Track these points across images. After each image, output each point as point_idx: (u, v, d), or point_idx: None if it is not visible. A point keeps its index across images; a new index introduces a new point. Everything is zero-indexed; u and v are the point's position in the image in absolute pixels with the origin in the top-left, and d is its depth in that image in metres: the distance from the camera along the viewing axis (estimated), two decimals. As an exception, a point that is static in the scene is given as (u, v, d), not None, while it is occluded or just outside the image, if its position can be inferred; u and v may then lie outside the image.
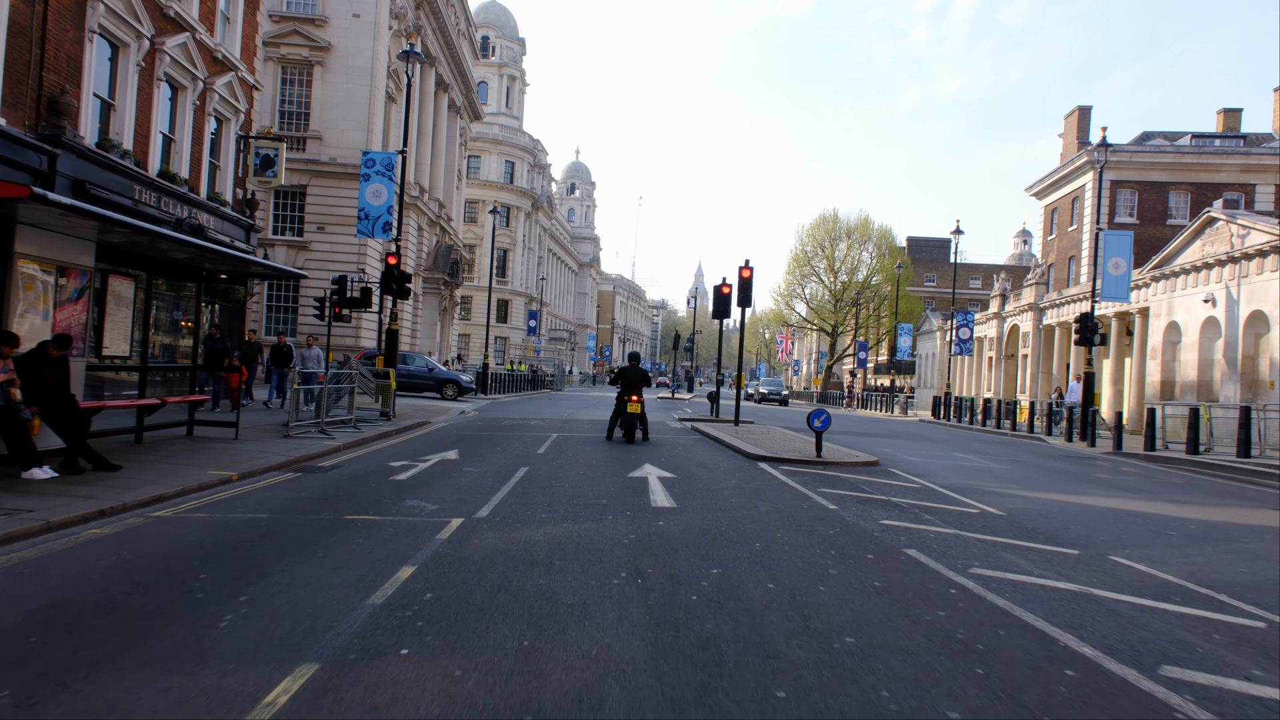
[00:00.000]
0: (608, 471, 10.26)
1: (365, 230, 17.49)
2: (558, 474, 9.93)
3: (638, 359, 15.21)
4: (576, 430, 16.93)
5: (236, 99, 19.03)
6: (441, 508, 7.36)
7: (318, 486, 8.42)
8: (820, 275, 64.79)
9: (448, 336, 44.44)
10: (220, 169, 19.01)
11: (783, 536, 6.43)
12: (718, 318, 21.30)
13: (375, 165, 17.46)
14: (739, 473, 10.52)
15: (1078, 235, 40.82)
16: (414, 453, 11.82)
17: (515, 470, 10.12)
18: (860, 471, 11.11)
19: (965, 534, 6.83)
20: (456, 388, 28.35)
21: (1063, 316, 32.14)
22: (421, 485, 8.72)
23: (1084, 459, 16.78)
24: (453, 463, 10.81)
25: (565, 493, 8.45)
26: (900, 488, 9.70)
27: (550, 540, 6.08)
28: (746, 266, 18.27)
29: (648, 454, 12.53)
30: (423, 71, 38.23)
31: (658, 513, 7.39)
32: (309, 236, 30.45)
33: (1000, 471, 12.64)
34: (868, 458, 12.19)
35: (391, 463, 10.61)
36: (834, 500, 8.41)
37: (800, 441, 14.89)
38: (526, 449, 12.80)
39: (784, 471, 10.71)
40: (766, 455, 11.97)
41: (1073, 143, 44.17)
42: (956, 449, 17.35)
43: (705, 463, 11.56)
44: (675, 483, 9.37)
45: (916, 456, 14.41)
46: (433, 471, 9.88)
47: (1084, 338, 21.50)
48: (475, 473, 9.86)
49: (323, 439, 12.41)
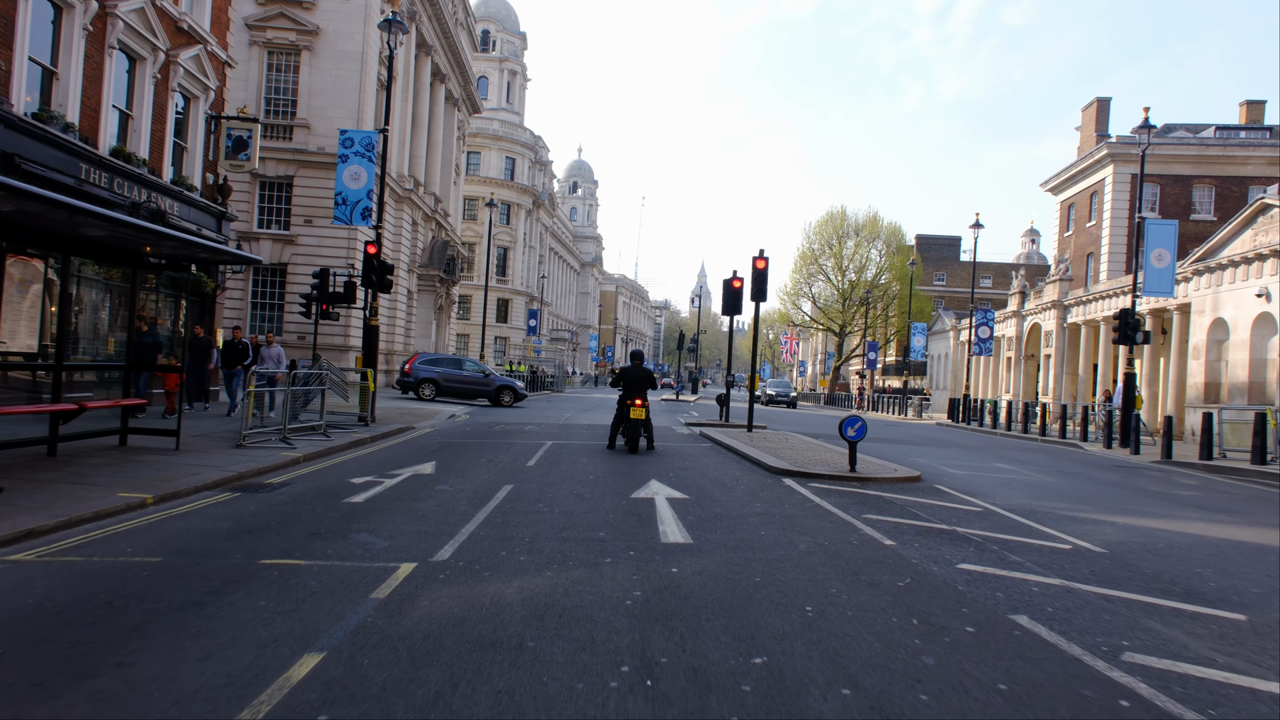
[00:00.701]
0: (607, 490, 8.64)
1: (343, 216, 15.89)
2: (547, 494, 8.32)
3: (641, 358, 13.60)
4: (574, 437, 15.32)
5: (205, 75, 17.46)
6: (393, 545, 5.76)
7: (249, 513, 6.82)
8: (828, 273, 63.13)
9: (444, 336, 42.87)
10: (188, 151, 17.44)
11: (840, 593, 4.80)
12: (728, 314, 19.68)
13: (354, 145, 15.86)
14: (763, 492, 8.89)
15: (1097, 231, 39.16)
16: (384, 465, 10.22)
17: (497, 489, 8.51)
18: (903, 489, 9.47)
19: (1076, 586, 5.20)
20: (513, 394, 27.27)
21: (1090, 314, 30.45)
22: (378, 511, 7.11)
23: (1134, 469, 15.13)
24: (426, 479, 9.21)
25: (554, 522, 6.84)
26: (960, 513, 8.06)
27: (526, 601, 4.47)
28: (761, 257, 16.65)
29: (654, 467, 10.92)
30: (418, 61, 36.69)
31: (669, 552, 5.78)
32: (296, 230, 28.88)
33: (1058, 487, 11.00)
34: (908, 472, 10.54)
35: (353, 479, 9.02)
36: (888, 532, 6.78)
37: (825, 451, 13.25)
38: (515, 460, 11.19)
39: (815, 490, 9.08)
40: (791, 469, 10.34)
41: (1091, 136, 42.50)
42: (993, 457, 15.70)
43: (721, 479, 9.94)
44: (688, 507, 7.75)
45: (956, 469, 12.76)
46: (398, 491, 8.27)
47: (1124, 336, 19.82)
48: (449, 492, 8.25)
49: (281, 449, 10.82)
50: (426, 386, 25.90)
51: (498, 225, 66.10)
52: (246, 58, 28.93)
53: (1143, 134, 19.72)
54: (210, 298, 18.23)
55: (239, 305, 28.61)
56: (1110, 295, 28.59)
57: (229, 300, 28.23)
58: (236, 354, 15.44)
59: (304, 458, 10.51)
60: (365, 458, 11.09)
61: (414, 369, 26.22)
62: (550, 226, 79.97)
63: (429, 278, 38.15)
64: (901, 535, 6.65)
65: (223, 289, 18.61)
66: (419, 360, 26.74)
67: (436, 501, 7.70)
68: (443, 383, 26.34)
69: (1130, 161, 37.87)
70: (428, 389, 25.87)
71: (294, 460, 10.21)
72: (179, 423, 9.98)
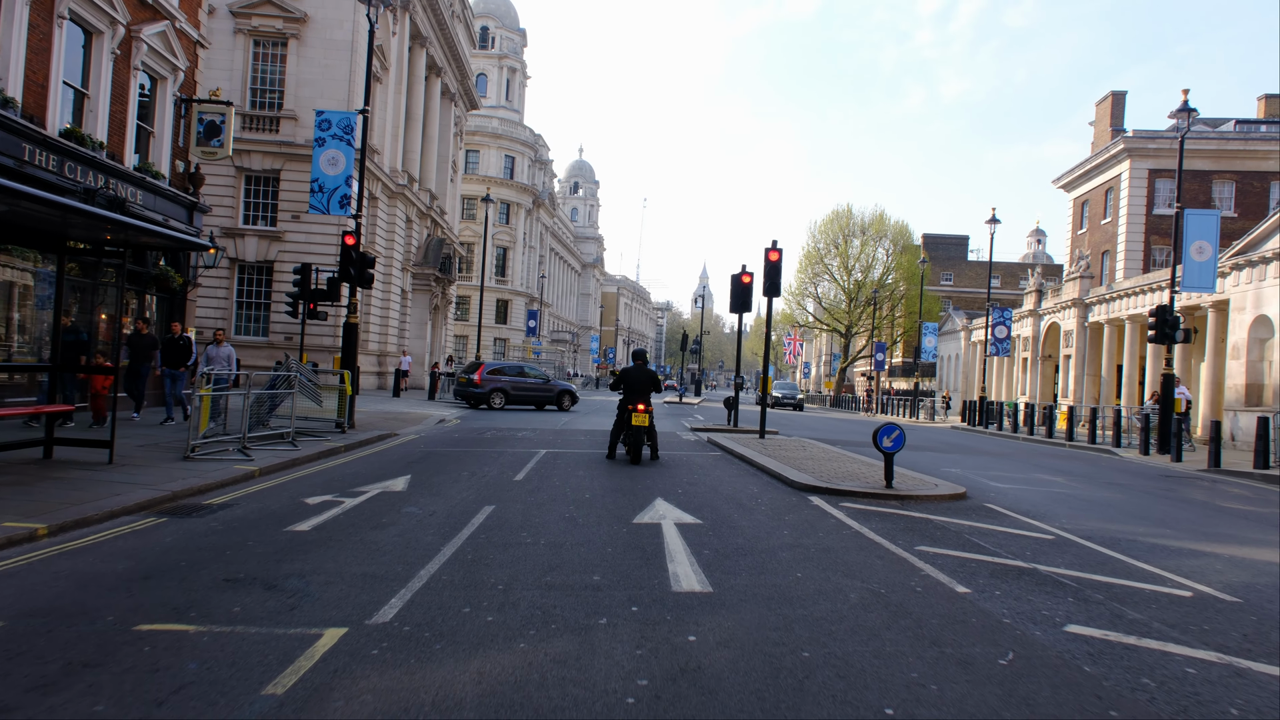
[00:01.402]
0: (605, 513, 7.30)
1: (319, 205, 14.58)
2: (534, 518, 6.99)
3: (644, 359, 12.26)
4: (571, 444, 13.99)
5: (173, 54, 16.18)
6: (324, 598, 4.43)
7: (161, 549, 5.50)
8: (834, 273, 61.84)
9: (440, 337, 41.57)
10: (155, 136, 16.15)
11: (925, 679, 3.46)
12: (737, 311, 18.34)
13: (331, 127, 14.56)
14: (789, 515, 7.54)
15: (1112, 228, 37.82)
16: (350, 481, 8.90)
17: (475, 512, 7.18)
18: (951, 510, 8.12)
19: (1243, 664, 3.84)
20: (571, 398, 26.90)
21: (1114, 313, 29.06)
22: (323, 544, 5.79)
23: (1185, 480, 13.76)
24: (394, 498, 7.88)
25: (537, 558, 5.51)
26: (1030, 542, 6.71)
27: (485, 697, 3.14)
28: (774, 248, 15.32)
29: (659, 481, 9.58)
30: (413, 53, 35.45)
31: (684, 607, 4.44)
32: (283, 226, 27.59)
33: (1121, 504, 9.64)
34: (951, 488, 9.18)
35: (309, 498, 7.69)
36: (955, 572, 5.43)
37: (851, 463, 11.89)
38: (502, 474, 9.86)
39: (850, 512, 7.73)
40: (818, 485, 8.98)
41: (1105, 131, 41.19)
42: (1028, 466, 14.35)
43: (737, 497, 8.59)
44: (702, 535, 6.41)
45: (997, 481, 11.40)
46: (357, 515, 6.94)
47: (1162, 334, 18.46)
48: (416, 517, 6.92)
49: (235, 462, 9.50)
50: (497, 396, 25.33)
51: (497, 225, 64.83)
52: (231, 46, 27.70)
53: (1182, 117, 18.35)
54: (179, 294, 16.94)
55: (223, 304, 27.34)
56: (1137, 292, 27.20)
57: (212, 299, 26.96)
58: (177, 352, 13.53)
59: (260, 471, 9.19)
60: (331, 471, 9.76)
61: (484, 379, 25.49)
62: (551, 226, 78.71)
63: (424, 277, 36.84)
64: (974, 578, 5.30)
65: (194, 284, 17.30)
66: (486, 370, 26.05)
67: (399, 529, 6.37)
68: (511, 391, 25.80)
69: (1148, 156, 36.54)
70: (498, 399, 25.34)
71: (247, 475, 8.89)
72: (112, 432, 8.66)
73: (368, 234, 30.57)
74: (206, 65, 27.72)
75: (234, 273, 27.59)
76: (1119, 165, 37.71)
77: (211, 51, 27.70)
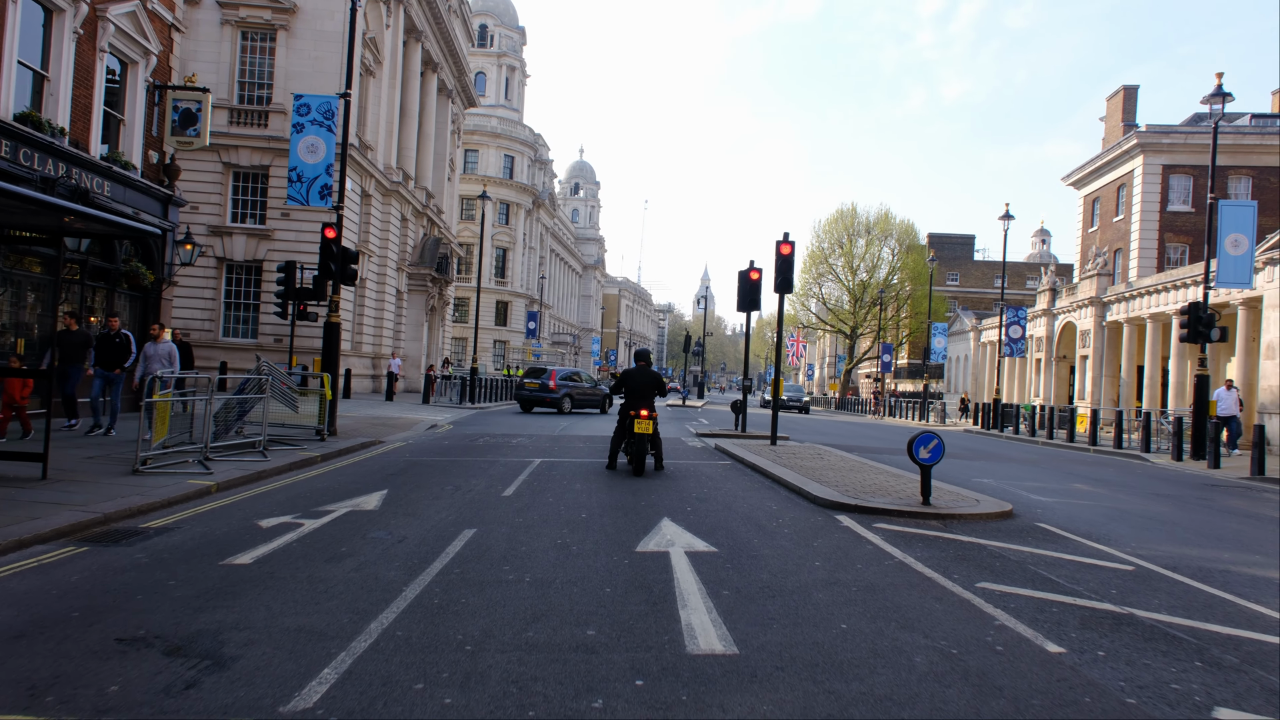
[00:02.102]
0: (603, 539, 6.28)
1: (298, 195, 13.59)
2: (520, 546, 5.96)
3: (648, 359, 11.23)
4: (568, 453, 12.97)
5: (145, 36, 15.19)
6: (238, 670, 3.41)
7: (59, 590, 4.48)
8: (838, 273, 60.85)
9: (436, 339, 40.58)
10: (125, 124, 15.17)
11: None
12: (745, 310, 17.32)
13: (310, 112, 13.56)
14: (818, 540, 6.51)
15: (1124, 226, 36.80)
16: (317, 497, 7.89)
17: (453, 538, 6.16)
18: (1002, 533, 7.08)
19: None
20: (610, 401, 27.71)
21: (1134, 311, 28.01)
22: (262, 582, 4.77)
23: (1234, 489, 12.72)
24: (363, 518, 6.87)
25: (519, 604, 4.48)
26: (1109, 575, 5.66)
27: None
28: (786, 241, 14.30)
29: (665, 496, 8.55)
30: (407, 47, 34.50)
31: (703, 679, 3.41)
32: (272, 224, 26.62)
33: (1185, 522, 8.60)
34: (995, 504, 8.13)
35: (265, 520, 6.68)
36: (1035, 621, 4.39)
37: (875, 473, 10.85)
38: (490, 488, 8.84)
39: (887, 535, 6.69)
40: (845, 501, 7.94)
41: (1117, 126, 40.20)
42: (1060, 474, 13.32)
43: (754, 516, 7.56)
44: (719, 569, 5.39)
45: (1035, 493, 10.36)
46: (314, 541, 5.93)
47: (1195, 333, 17.42)
48: (383, 544, 5.91)
49: (191, 476, 8.49)
50: (566, 401, 26.14)
51: (496, 225, 63.89)
52: (218, 38, 26.77)
53: (1216, 102, 17.29)
54: (153, 292, 15.96)
55: (210, 305, 26.38)
56: (1160, 290, 26.14)
57: (199, 300, 25.99)
58: (112, 351, 11.42)
59: (217, 487, 8.18)
60: (299, 486, 8.74)
61: (558, 385, 26.37)
62: (551, 227, 77.76)
63: (420, 277, 35.86)
64: (1062, 630, 4.26)
65: (170, 282, 16.30)
66: (560, 376, 26.92)
67: (358, 562, 5.35)
68: (576, 396, 26.76)
69: (1161, 151, 35.56)
70: (568, 403, 26.17)
71: (201, 491, 7.88)
72: (45, 444, 7.65)
73: (360, 232, 29.61)
74: (192, 58, 26.84)
75: (221, 272, 26.63)
76: (1131, 161, 36.72)
77: (197, 43, 26.84)
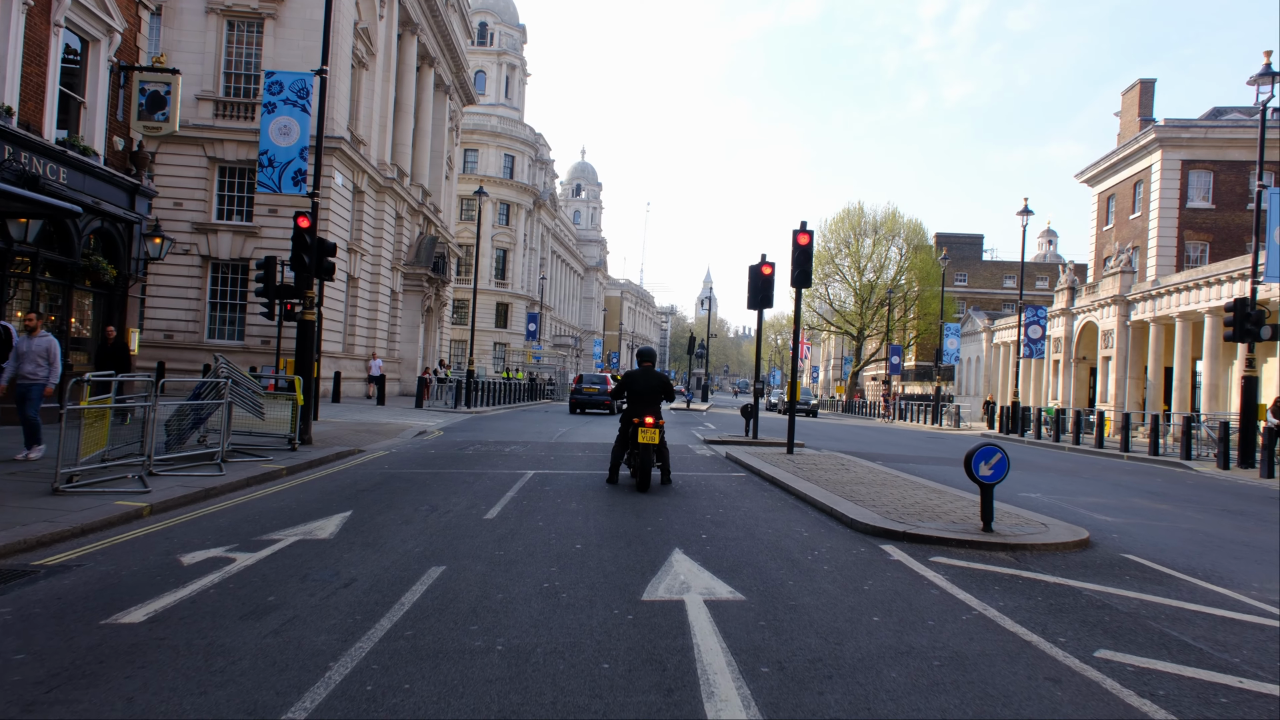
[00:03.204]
0: (601, 582, 5.04)
1: (269, 181, 12.38)
2: (495, 592, 4.73)
3: (652, 359, 9.95)
4: (566, 462, 11.73)
5: (107, 12, 14.02)
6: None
7: None
8: (845, 274, 59.61)
9: (433, 340, 39.40)
10: (86, 107, 14.00)
11: None
12: (757, 308, 16.09)
13: (282, 90, 12.37)
14: (868, 579, 5.26)
15: (1142, 223, 35.50)
16: (266, 521, 6.67)
17: (414, 579, 4.93)
18: (1088, 570, 5.81)
19: None
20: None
21: (1162, 310, 26.71)
22: (138, 657, 3.54)
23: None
24: (311, 552, 5.65)
25: (481, 695, 3.25)
26: (1260, 634, 4.39)
27: None
28: (804, 230, 13.06)
29: (675, 518, 7.32)
30: (402, 40, 33.39)
31: None
32: (259, 221, 25.47)
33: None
34: (1071, 531, 6.84)
35: (190, 554, 5.48)
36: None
37: (913, 488, 9.59)
38: (472, 507, 7.62)
39: (953, 574, 5.43)
40: (890, 527, 6.67)
41: (1133, 121, 38.96)
42: (1112, 487, 12.06)
43: (784, 544, 6.32)
44: (752, 629, 4.14)
45: (1098, 511, 9.10)
46: (237, 587, 4.71)
47: (1242, 331, 16.15)
48: (325, 589, 4.68)
49: (124, 494, 7.28)
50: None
51: (496, 225, 62.76)
52: (203, 27, 25.67)
53: (1267, 82, 16.01)
54: (118, 289, 14.77)
55: (195, 305, 25.23)
56: (1191, 286, 24.82)
57: (182, 300, 24.83)
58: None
59: (150, 510, 6.96)
60: (250, 506, 7.52)
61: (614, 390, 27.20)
62: (552, 228, 76.61)
63: (415, 276, 34.68)
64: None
65: (136, 278, 15.10)
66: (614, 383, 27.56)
67: (283, 618, 4.12)
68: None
69: (1180, 146, 34.28)
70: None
71: (128, 515, 6.67)
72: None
73: (353, 229, 28.45)
74: (175, 47, 25.72)
75: (207, 271, 25.48)
76: (1149, 156, 35.45)
77: (180, 32, 25.71)
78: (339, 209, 26.48)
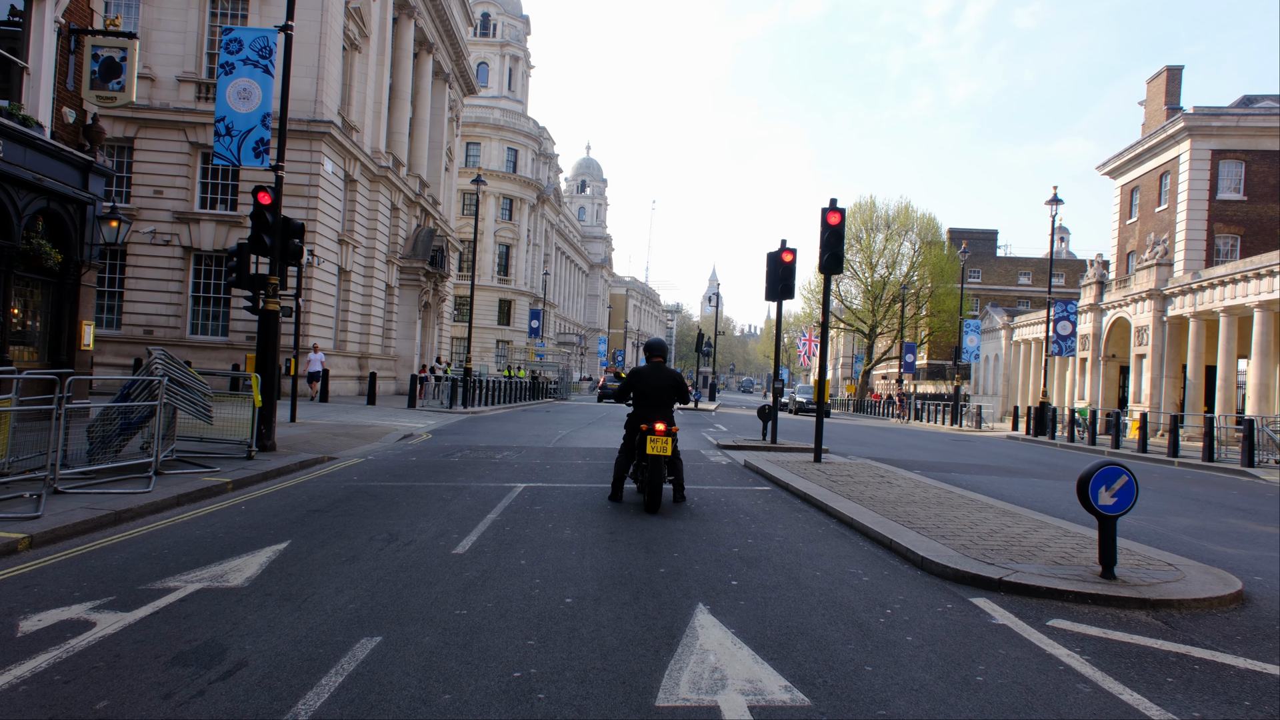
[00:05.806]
0: (596, 668, 3.51)
1: (226, 152, 10.88)
2: (438, 694, 3.20)
3: (663, 354, 8.41)
4: (562, 473, 10.20)
5: (53, -33, 12.55)
6: None
7: None
8: (856, 269, 57.94)
9: (431, 337, 37.92)
10: (29, 73, 12.53)
11: None
12: (776, 299, 14.58)
13: (241, 49, 10.85)
14: (978, 663, 3.72)
15: (1168, 216, 33.79)
16: (171, 559, 5.18)
17: (326, 669, 3.42)
18: (1261, 641, 4.27)
19: None
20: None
21: (1203, 304, 25.05)
22: None
23: None
24: (205, 611, 4.14)
25: None
26: None
27: None
28: (835, 209, 11.50)
29: (694, 553, 5.80)
30: (398, 23, 31.91)
31: None
32: (244, 210, 23.93)
33: None
34: (1215, 580, 5.22)
35: (35, 616, 4.00)
36: None
37: (976, 508, 8.02)
38: (441, 535, 6.10)
39: (1095, 653, 3.87)
40: (978, 573, 5.10)
41: (1159, 110, 37.23)
42: (1188, 501, 10.51)
43: (843, 598, 4.78)
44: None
45: (1215, 543, 7.55)
46: (57, 682, 3.19)
47: (1315, 325, 14.52)
48: (190, 686, 3.16)
49: (6, 519, 5.80)
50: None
51: (499, 221, 61.33)
52: (184, 5, 24.25)
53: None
54: (69, 277, 13.31)
55: (176, 299, 23.79)
56: (1238, 279, 23.10)
57: (163, 294, 23.39)
58: None
59: (29, 542, 5.52)
60: (163, 536, 6.02)
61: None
62: (556, 224, 75.11)
63: (412, 270, 33.20)
64: None
65: (88, 265, 13.64)
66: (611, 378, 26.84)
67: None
68: None
69: (1210, 135, 32.56)
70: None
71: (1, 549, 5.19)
72: None
73: (345, 220, 27.00)
74: (155, 26, 24.28)
75: (189, 263, 24.05)
76: (1177, 146, 33.74)
77: (161, 11, 24.27)
78: (329, 197, 25.02)
